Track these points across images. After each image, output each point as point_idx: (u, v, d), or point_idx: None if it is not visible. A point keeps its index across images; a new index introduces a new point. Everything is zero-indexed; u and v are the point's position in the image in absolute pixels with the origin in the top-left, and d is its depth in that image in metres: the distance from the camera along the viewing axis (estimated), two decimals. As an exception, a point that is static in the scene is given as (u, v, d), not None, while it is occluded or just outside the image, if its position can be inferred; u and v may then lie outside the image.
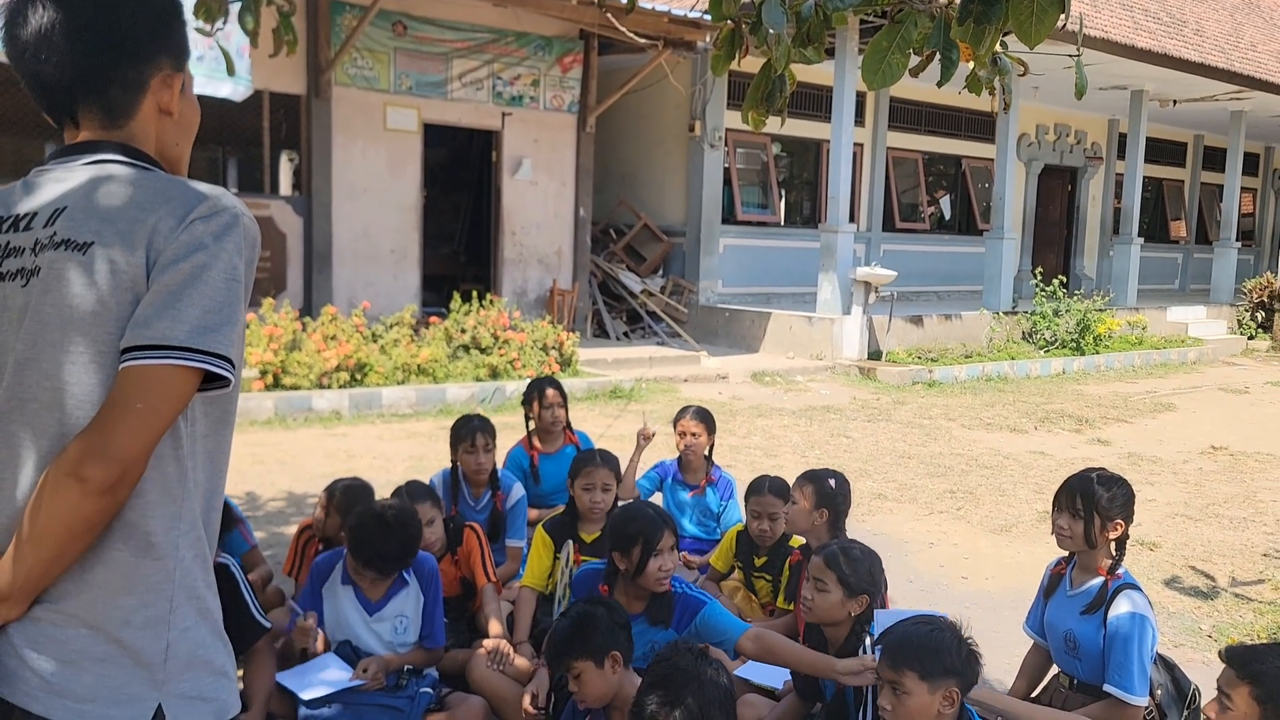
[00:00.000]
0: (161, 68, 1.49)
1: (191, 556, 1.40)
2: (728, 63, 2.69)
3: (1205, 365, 14.41)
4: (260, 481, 6.23)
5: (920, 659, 2.30)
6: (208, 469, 1.45)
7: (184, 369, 1.31)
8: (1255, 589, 5.00)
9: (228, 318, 1.35)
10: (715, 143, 13.54)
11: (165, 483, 1.37)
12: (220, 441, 1.47)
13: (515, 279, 12.22)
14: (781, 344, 12.43)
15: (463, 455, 4.14)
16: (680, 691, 2.22)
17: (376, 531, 3.01)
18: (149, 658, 1.35)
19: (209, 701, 1.40)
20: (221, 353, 1.34)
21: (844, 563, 2.82)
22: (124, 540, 1.35)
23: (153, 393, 1.29)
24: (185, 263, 1.33)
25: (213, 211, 1.37)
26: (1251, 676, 2.16)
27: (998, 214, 13.90)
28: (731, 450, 7.55)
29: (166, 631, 1.37)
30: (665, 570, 2.94)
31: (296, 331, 8.64)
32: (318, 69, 10.36)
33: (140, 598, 1.35)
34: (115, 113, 1.46)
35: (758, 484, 3.92)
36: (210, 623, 1.43)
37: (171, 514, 1.37)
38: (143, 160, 1.46)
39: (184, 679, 1.38)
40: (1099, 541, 2.93)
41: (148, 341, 1.30)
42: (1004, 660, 3.96)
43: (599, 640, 2.54)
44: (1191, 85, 15.46)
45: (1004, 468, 7.46)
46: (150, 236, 1.35)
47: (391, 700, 2.97)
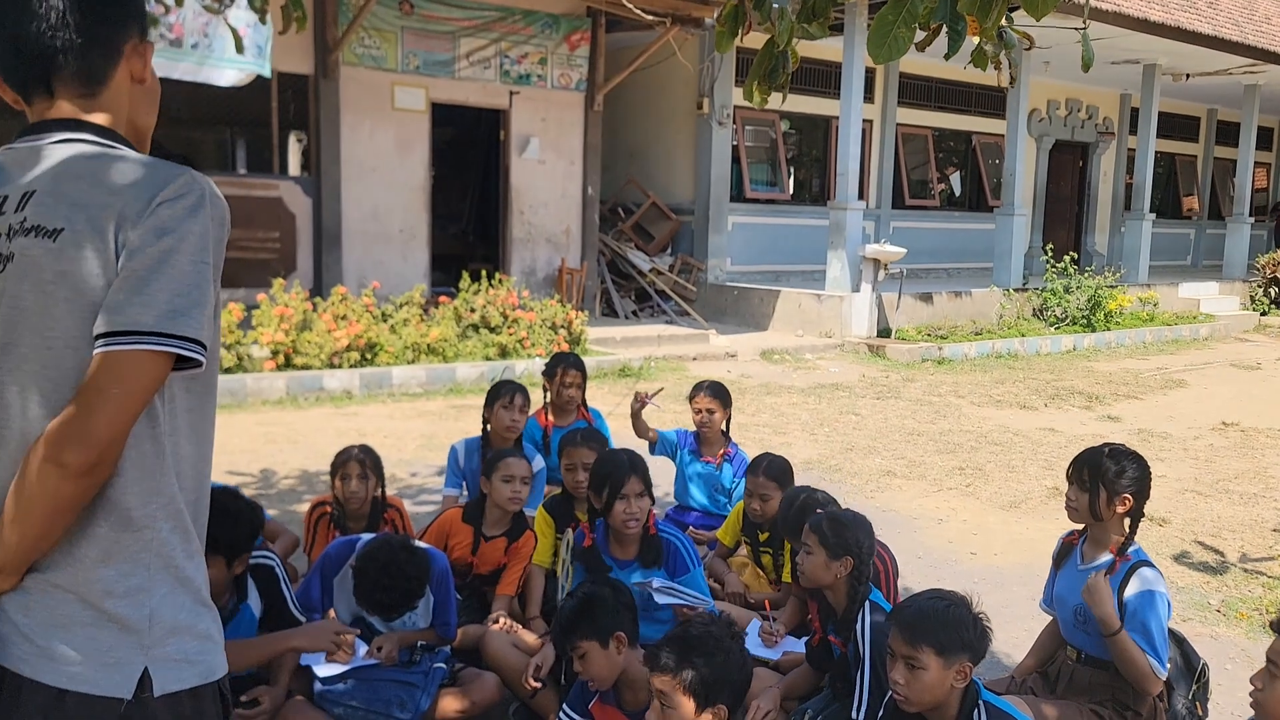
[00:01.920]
0: (132, 34, 1.51)
1: (170, 528, 1.43)
2: (732, 39, 2.69)
3: (1217, 341, 14.34)
4: (273, 460, 6.28)
5: (937, 634, 2.32)
6: (193, 442, 1.48)
7: (155, 354, 1.34)
8: (1265, 564, 5.01)
9: (197, 300, 1.37)
10: (724, 120, 13.48)
11: (143, 460, 1.40)
12: (204, 416, 1.50)
13: (524, 258, 12.22)
14: (790, 322, 12.41)
15: (499, 410, 4.22)
16: (700, 653, 2.24)
17: (381, 578, 3.03)
18: (134, 624, 1.40)
19: (194, 664, 1.45)
20: (191, 335, 1.36)
21: (826, 526, 2.87)
22: (105, 516, 1.39)
23: (126, 378, 1.32)
24: (153, 247, 1.35)
25: (179, 193, 1.39)
26: None
27: (1008, 190, 13.82)
28: (740, 428, 7.55)
29: (149, 599, 1.41)
30: (631, 514, 3.12)
31: (307, 311, 8.67)
32: (325, 49, 10.34)
33: (119, 569, 1.40)
34: (92, 79, 1.48)
35: (755, 463, 3.95)
36: (191, 590, 1.46)
37: (149, 489, 1.41)
38: (111, 139, 1.48)
39: (169, 643, 1.42)
40: (1105, 515, 2.93)
41: (119, 328, 1.33)
42: (1012, 635, 3.99)
43: (605, 621, 2.57)
44: (1205, 59, 15.30)
45: (1013, 444, 7.45)
46: (118, 220, 1.36)
47: (406, 675, 3.00)
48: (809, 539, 2.89)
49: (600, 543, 3.35)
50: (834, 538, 2.86)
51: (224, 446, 6.57)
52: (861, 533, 2.92)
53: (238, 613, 2.84)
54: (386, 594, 3.03)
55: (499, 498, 3.53)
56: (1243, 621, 4.27)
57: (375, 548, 3.07)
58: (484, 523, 3.60)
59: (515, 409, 4.22)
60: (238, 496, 2.84)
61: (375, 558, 3.04)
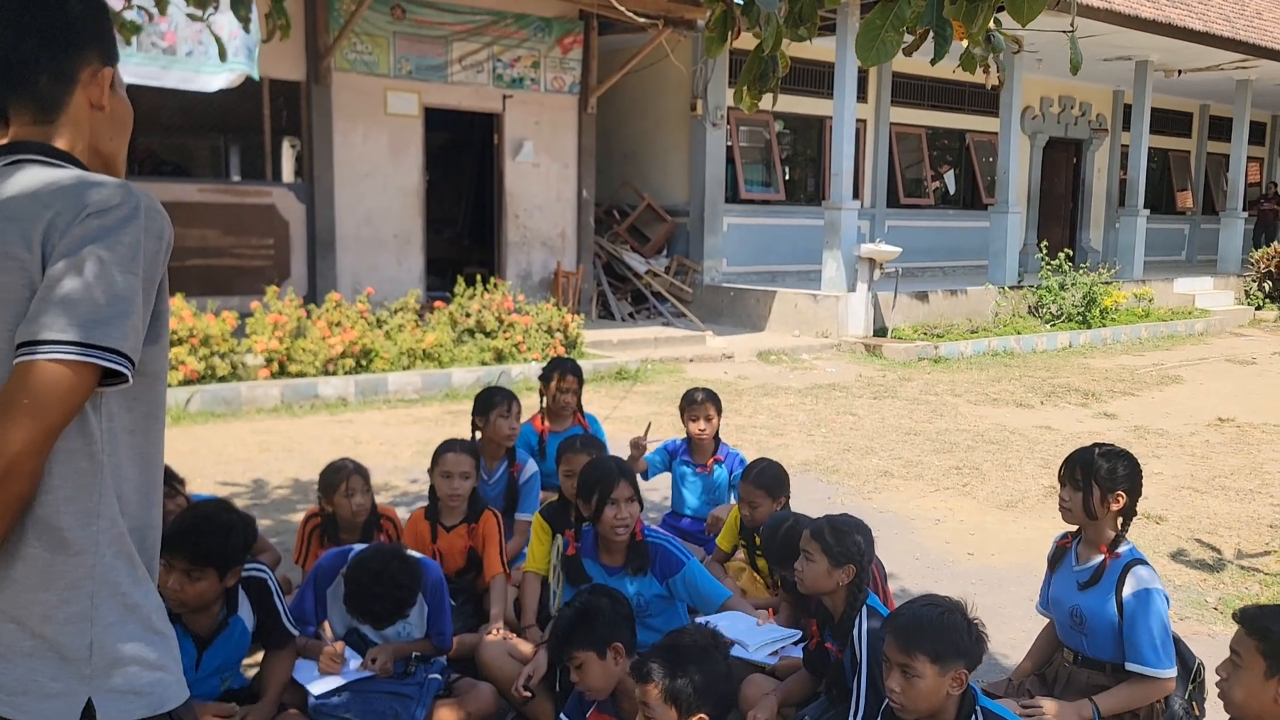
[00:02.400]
0: (90, 61, 1.49)
1: (113, 553, 1.39)
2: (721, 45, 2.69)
3: (1212, 336, 14.35)
4: (267, 469, 6.26)
5: (932, 642, 2.31)
6: (137, 464, 1.44)
7: (72, 364, 1.29)
8: (1261, 560, 5.01)
9: (122, 311, 1.32)
10: (717, 121, 13.48)
11: (78, 479, 1.36)
12: (150, 437, 1.46)
13: (519, 262, 12.21)
14: (787, 322, 12.41)
15: (496, 420, 4.21)
16: (683, 664, 2.24)
17: (373, 586, 3.03)
18: (73, 653, 1.36)
19: (143, 695, 1.40)
20: (113, 346, 1.31)
21: (828, 533, 2.86)
22: (37, 537, 1.35)
23: (38, 388, 1.28)
24: (77, 255, 1.32)
25: (109, 205, 1.36)
26: (1260, 633, 2.18)
27: (1002, 188, 13.83)
28: (738, 430, 7.56)
29: (90, 628, 1.37)
30: (621, 519, 3.11)
31: (301, 319, 8.66)
32: (317, 55, 10.33)
33: (59, 594, 1.36)
34: (45, 106, 1.46)
35: (746, 470, 3.95)
36: (139, 618, 1.41)
37: (86, 510, 1.37)
38: (62, 159, 1.45)
39: (114, 674, 1.38)
40: (1099, 514, 2.93)
41: (35, 337, 1.29)
42: (1009, 636, 3.99)
43: (602, 631, 2.56)
44: (1197, 55, 15.32)
45: (1010, 443, 7.45)
46: (46, 231, 1.34)
47: (401, 688, 2.99)
48: (810, 546, 2.87)
49: (588, 550, 3.33)
50: (837, 546, 2.84)
51: (218, 455, 6.57)
52: (863, 539, 2.92)
53: (228, 625, 2.83)
54: (377, 602, 3.02)
55: (440, 491, 3.62)
56: (1240, 619, 4.26)
57: (368, 556, 3.07)
58: (440, 515, 3.67)
59: (513, 417, 4.23)
60: (229, 509, 2.83)
61: (367, 566, 3.04)
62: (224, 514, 2.74)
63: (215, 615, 2.80)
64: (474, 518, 3.69)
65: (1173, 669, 2.83)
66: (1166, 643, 2.83)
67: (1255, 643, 2.19)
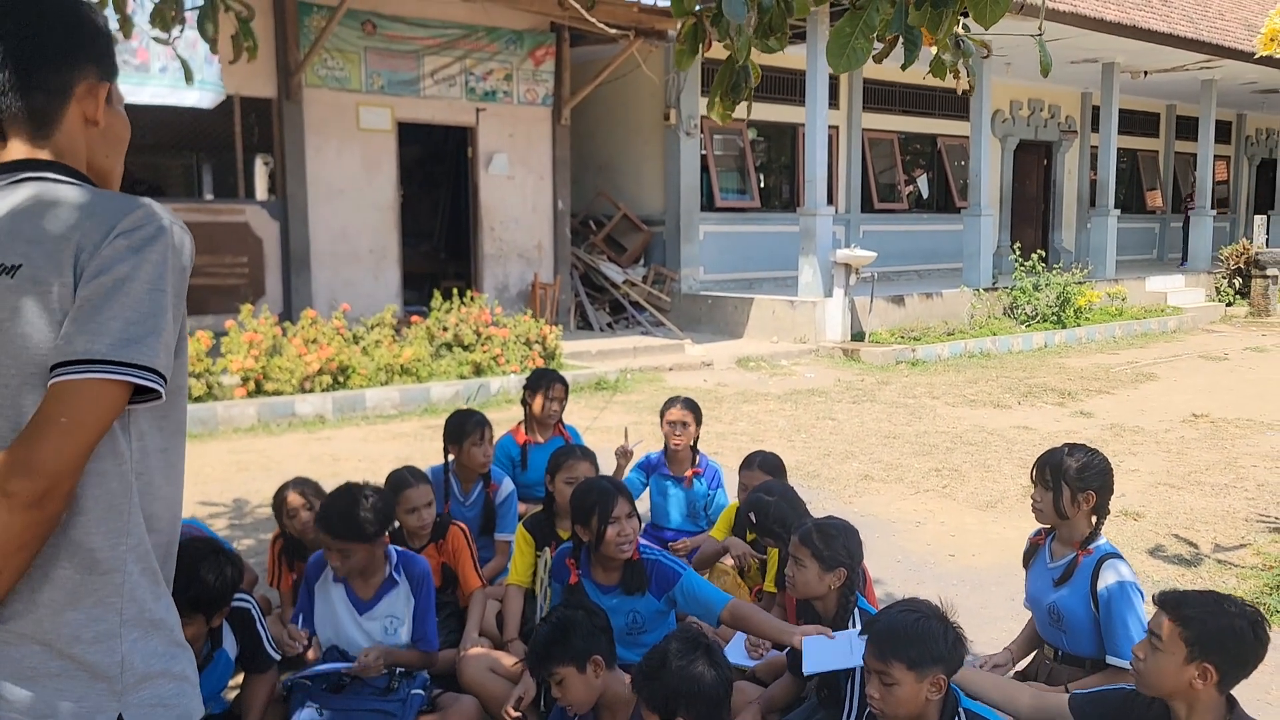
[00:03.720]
0: (86, 75, 1.49)
1: (140, 570, 1.40)
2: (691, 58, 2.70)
3: (1185, 333, 14.52)
4: (246, 488, 6.21)
5: (907, 649, 2.32)
6: (170, 480, 1.46)
7: (107, 382, 1.31)
8: (1238, 554, 5.06)
9: (152, 328, 1.34)
10: (691, 130, 13.53)
11: (109, 499, 1.37)
12: (178, 452, 1.48)
13: (496, 274, 12.20)
14: (765, 329, 12.46)
15: (469, 449, 4.14)
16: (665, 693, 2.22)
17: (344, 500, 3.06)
18: (105, 671, 1.36)
19: (170, 708, 1.41)
20: (146, 364, 1.33)
21: (818, 539, 2.87)
22: (69, 558, 1.36)
23: (75, 407, 1.29)
24: (106, 276, 1.33)
25: (137, 225, 1.37)
26: (1183, 620, 2.21)
27: (975, 191, 13.95)
28: (718, 437, 7.57)
29: (119, 645, 1.37)
30: (624, 536, 3.06)
31: (277, 336, 8.60)
32: (288, 71, 10.30)
33: (88, 613, 1.36)
34: (40, 121, 1.46)
35: (749, 460, 4.01)
36: (164, 633, 1.43)
37: (117, 529, 1.38)
38: (72, 176, 1.46)
39: (143, 689, 1.39)
40: (1070, 513, 2.97)
41: (70, 357, 1.30)
42: (992, 635, 4.01)
43: (579, 645, 2.54)
44: (1161, 56, 15.54)
45: (989, 444, 7.50)
46: (76, 254, 1.35)
47: (383, 704, 2.98)
48: (800, 552, 2.87)
49: (583, 573, 3.27)
50: (827, 550, 2.85)
51: (196, 476, 6.51)
52: (852, 542, 2.93)
53: (213, 659, 2.83)
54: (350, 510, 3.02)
55: (408, 527, 3.60)
56: (1218, 613, 4.31)
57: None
58: (407, 540, 3.65)
59: (486, 443, 4.16)
60: (218, 551, 2.81)
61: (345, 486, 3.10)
62: (213, 558, 2.72)
63: (200, 651, 2.79)
64: (440, 534, 3.67)
65: None
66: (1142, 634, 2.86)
67: (1178, 629, 2.22)
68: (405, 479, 3.60)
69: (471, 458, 4.15)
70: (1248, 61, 16.01)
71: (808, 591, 2.90)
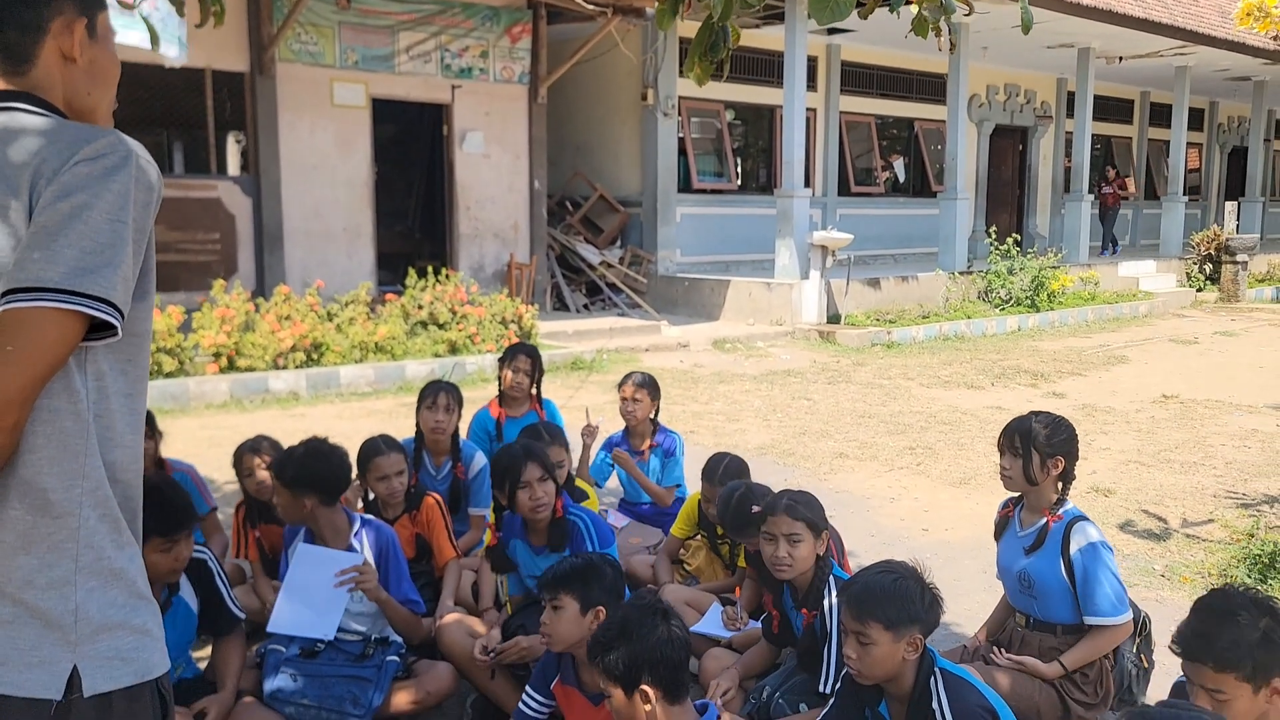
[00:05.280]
0: (61, 10, 1.45)
1: (98, 516, 1.35)
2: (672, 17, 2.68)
3: (1156, 318, 14.67)
4: (218, 464, 6.14)
5: (884, 609, 2.32)
6: (132, 428, 1.40)
7: (59, 311, 1.25)
8: (1205, 529, 5.13)
9: (109, 260, 1.29)
10: (669, 111, 13.48)
11: (63, 438, 1.32)
12: (141, 400, 1.43)
13: (472, 254, 12.12)
14: (741, 311, 12.46)
15: (423, 412, 4.16)
16: (611, 639, 2.20)
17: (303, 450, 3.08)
18: (57, 619, 1.31)
19: (129, 662, 1.36)
20: (101, 295, 1.27)
21: (804, 509, 2.86)
22: (19, 498, 1.31)
23: (24, 336, 1.24)
24: (64, 202, 1.28)
25: (100, 153, 1.32)
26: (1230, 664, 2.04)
27: (951, 175, 14.00)
28: (694, 416, 7.58)
29: (73, 593, 1.32)
30: (536, 499, 3.16)
31: (249, 312, 8.51)
32: (260, 45, 10.15)
33: (41, 558, 1.31)
34: (15, 58, 1.42)
35: (709, 469, 3.80)
36: (124, 584, 1.37)
37: (71, 471, 1.33)
38: (43, 108, 1.41)
39: (99, 640, 1.34)
40: (1039, 479, 2.99)
41: (21, 284, 1.25)
42: (964, 607, 4.04)
43: (595, 592, 2.57)
44: (1136, 41, 15.64)
45: (962, 423, 7.55)
46: (34, 178, 1.30)
47: (358, 670, 2.96)
48: (794, 528, 2.84)
49: (518, 533, 3.33)
50: (814, 516, 2.87)
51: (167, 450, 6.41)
52: (820, 508, 2.95)
53: (171, 605, 2.78)
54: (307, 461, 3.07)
55: (379, 495, 3.60)
56: (1186, 585, 4.37)
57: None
58: (381, 511, 3.64)
59: (439, 410, 4.13)
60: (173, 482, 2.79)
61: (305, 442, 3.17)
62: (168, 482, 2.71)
63: (158, 595, 2.74)
64: (414, 505, 3.66)
65: (1128, 613, 2.91)
66: (1118, 589, 2.91)
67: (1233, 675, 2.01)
68: (377, 446, 3.58)
69: (424, 421, 4.15)
70: (1222, 48, 16.16)
71: (805, 565, 2.87)
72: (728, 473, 3.75)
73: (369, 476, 3.55)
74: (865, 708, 2.49)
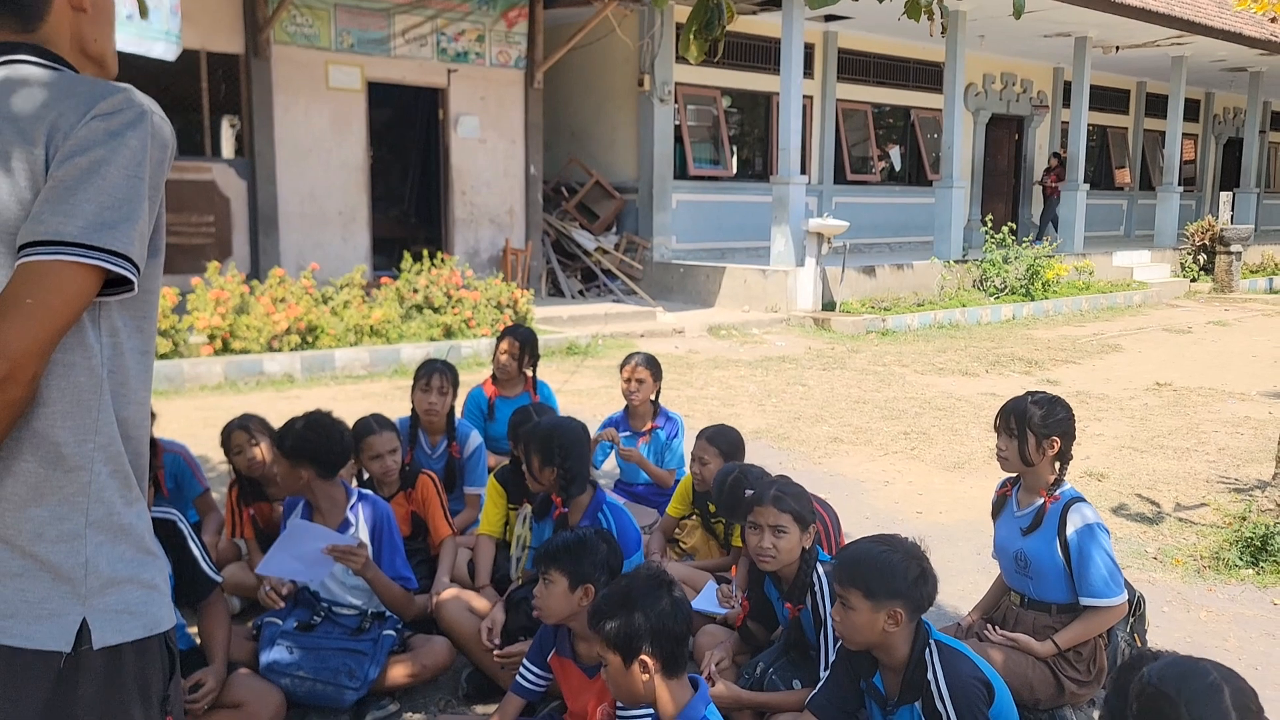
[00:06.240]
0: None
1: (109, 472, 1.35)
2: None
3: (1150, 308, 14.71)
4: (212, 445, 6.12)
5: (867, 579, 2.34)
6: (142, 381, 1.41)
7: (78, 266, 1.26)
8: (1198, 512, 5.15)
9: (127, 215, 1.30)
10: (665, 97, 13.44)
11: (76, 393, 1.32)
12: (149, 356, 1.43)
13: (467, 239, 12.10)
14: (737, 298, 12.46)
15: (417, 394, 4.18)
16: (613, 607, 2.20)
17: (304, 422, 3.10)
18: (68, 572, 1.32)
19: (138, 615, 1.37)
20: (120, 250, 1.28)
21: (790, 500, 2.86)
22: (32, 451, 1.31)
23: (43, 289, 1.24)
24: (82, 157, 1.28)
25: (116, 109, 1.32)
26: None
27: (947, 164, 13.99)
28: (689, 401, 7.59)
29: (84, 546, 1.33)
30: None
31: (244, 295, 8.49)
32: (255, 27, 10.10)
33: (52, 510, 1.32)
34: (27, 15, 1.42)
35: (703, 432, 3.91)
36: (133, 539, 1.38)
37: (84, 426, 1.33)
38: (54, 61, 1.41)
39: (108, 594, 1.34)
40: (1035, 460, 2.99)
41: (40, 237, 1.26)
42: (958, 588, 4.06)
43: (586, 568, 2.57)
44: (1133, 30, 15.62)
45: (956, 409, 7.57)
46: (50, 132, 1.30)
47: (355, 644, 2.96)
48: (780, 520, 2.85)
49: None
50: (801, 509, 2.87)
51: (161, 430, 6.40)
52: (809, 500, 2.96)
53: None
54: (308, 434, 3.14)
55: (373, 474, 3.63)
56: (1178, 567, 4.39)
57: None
58: (376, 489, 3.65)
59: (433, 391, 4.15)
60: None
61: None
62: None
63: None
64: (410, 484, 3.67)
65: (1123, 594, 2.92)
66: (1114, 570, 2.92)
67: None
68: (369, 426, 3.59)
69: (418, 402, 4.16)
70: (1218, 38, 16.15)
71: (790, 558, 2.86)
72: (716, 437, 3.83)
73: (363, 456, 3.56)
74: (860, 680, 2.51)
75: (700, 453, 3.83)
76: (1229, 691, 1.60)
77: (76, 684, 1.32)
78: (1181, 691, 1.61)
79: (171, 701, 1.45)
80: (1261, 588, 4.16)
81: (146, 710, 1.39)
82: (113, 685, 1.35)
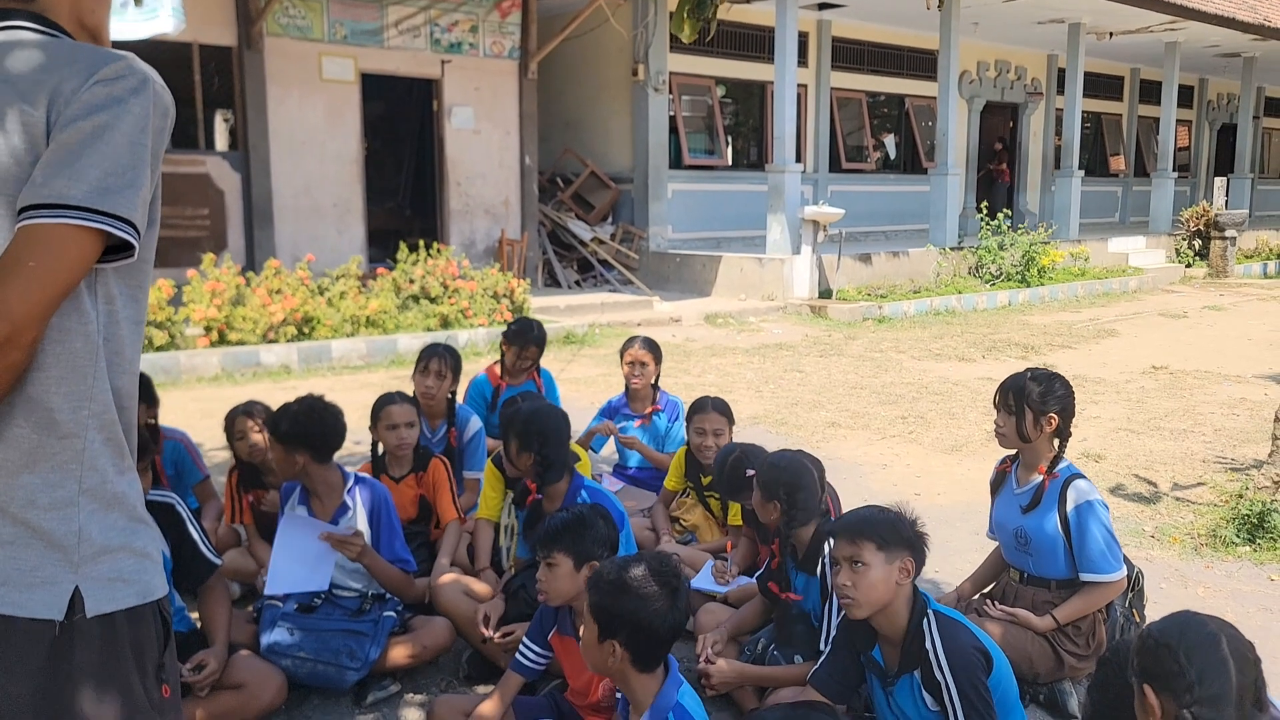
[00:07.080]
0: None
1: (103, 440, 1.35)
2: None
3: (1145, 293, 14.72)
4: (209, 434, 6.12)
5: (877, 530, 2.38)
6: (134, 349, 1.41)
7: (81, 229, 1.26)
8: (1195, 492, 5.17)
9: (130, 181, 1.29)
10: (659, 87, 13.42)
11: (72, 359, 1.32)
12: (140, 325, 1.44)
13: (463, 230, 12.08)
14: (733, 286, 12.46)
15: (416, 377, 4.20)
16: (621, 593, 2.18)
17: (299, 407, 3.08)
18: (60, 540, 1.32)
19: (130, 583, 1.36)
20: (123, 215, 1.28)
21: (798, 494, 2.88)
22: (25, 416, 1.30)
23: (46, 252, 1.24)
24: (86, 121, 1.28)
25: (119, 75, 1.32)
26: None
27: (941, 151, 13.99)
28: (687, 388, 7.59)
29: (77, 514, 1.32)
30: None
31: (240, 286, 8.48)
32: (248, 19, 10.07)
33: (44, 477, 1.31)
34: None
35: (700, 402, 3.95)
36: (125, 508, 1.38)
37: (79, 393, 1.33)
38: (54, 29, 1.41)
39: (101, 561, 1.34)
40: (1033, 436, 3.00)
41: (43, 200, 1.25)
42: (956, 566, 4.07)
43: (586, 546, 2.57)
44: (1127, 16, 15.61)
45: (953, 393, 7.58)
46: (52, 95, 1.30)
47: (355, 625, 2.97)
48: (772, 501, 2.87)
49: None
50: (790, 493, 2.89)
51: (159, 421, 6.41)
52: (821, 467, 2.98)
53: None
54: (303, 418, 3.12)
55: (388, 445, 3.62)
56: (1175, 545, 4.41)
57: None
58: (387, 467, 3.66)
59: (430, 376, 4.15)
60: None
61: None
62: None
63: None
64: (422, 466, 3.68)
65: (1122, 570, 2.93)
66: (1113, 546, 2.93)
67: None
68: (390, 396, 3.65)
69: (415, 384, 4.20)
70: (1211, 23, 16.14)
71: (805, 537, 2.89)
72: (720, 403, 3.89)
73: (379, 426, 3.59)
74: (860, 653, 2.52)
75: (711, 425, 3.84)
76: (1226, 640, 1.65)
77: (71, 652, 1.32)
78: (1181, 641, 1.66)
79: (167, 670, 1.44)
80: (1258, 564, 4.18)
81: (142, 678, 1.38)
82: (107, 653, 1.34)
